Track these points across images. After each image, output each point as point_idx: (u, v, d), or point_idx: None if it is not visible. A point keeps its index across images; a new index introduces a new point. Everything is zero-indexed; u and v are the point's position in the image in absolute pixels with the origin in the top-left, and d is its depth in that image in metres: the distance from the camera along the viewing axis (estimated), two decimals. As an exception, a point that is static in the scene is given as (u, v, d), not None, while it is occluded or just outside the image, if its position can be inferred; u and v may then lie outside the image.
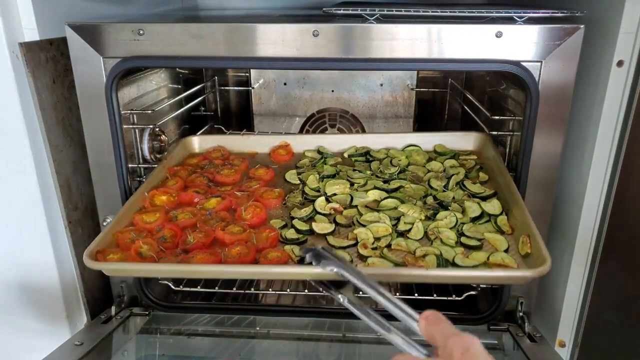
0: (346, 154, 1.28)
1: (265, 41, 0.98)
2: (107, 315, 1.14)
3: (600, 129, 1.04)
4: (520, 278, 0.83)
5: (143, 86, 1.26)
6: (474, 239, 0.92)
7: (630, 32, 0.96)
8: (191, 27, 0.98)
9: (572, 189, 1.13)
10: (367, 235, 0.95)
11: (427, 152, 1.27)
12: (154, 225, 0.97)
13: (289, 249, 0.92)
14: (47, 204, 1.06)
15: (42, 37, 1.01)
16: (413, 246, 0.91)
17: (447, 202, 1.02)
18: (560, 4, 1.02)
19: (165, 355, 1.10)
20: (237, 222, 0.99)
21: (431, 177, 1.14)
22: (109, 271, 0.90)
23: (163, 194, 1.06)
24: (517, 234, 0.91)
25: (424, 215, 0.99)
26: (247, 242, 0.93)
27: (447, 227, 0.96)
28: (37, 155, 1.03)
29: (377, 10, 0.97)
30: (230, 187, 1.13)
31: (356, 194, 1.08)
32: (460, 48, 0.96)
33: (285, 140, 1.31)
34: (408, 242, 0.93)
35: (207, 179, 1.15)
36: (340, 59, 0.98)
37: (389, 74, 1.64)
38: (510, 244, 0.90)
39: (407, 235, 0.95)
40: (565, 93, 0.97)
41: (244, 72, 1.73)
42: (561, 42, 0.93)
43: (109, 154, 1.06)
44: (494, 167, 1.13)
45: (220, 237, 0.94)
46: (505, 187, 1.02)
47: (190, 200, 1.07)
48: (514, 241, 0.91)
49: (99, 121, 1.04)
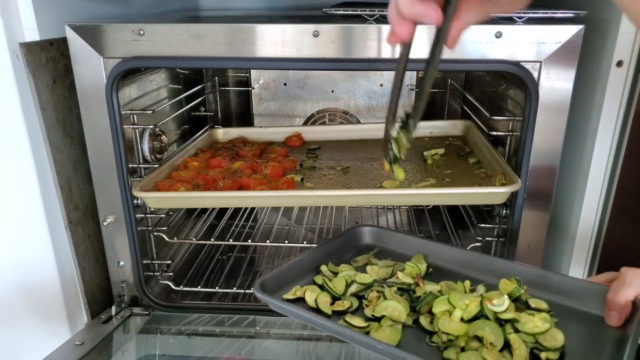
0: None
1: (265, 41, 0.98)
2: (108, 315, 1.14)
3: (600, 129, 1.04)
4: (497, 195, 1.01)
5: (143, 86, 1.26)
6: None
7: (630, 33, 0.97)
8: (191, 27, 0.98)
9: (571, 189, 1.14)
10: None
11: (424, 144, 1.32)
12: (188, 178, 1.17)
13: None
14: (47, 204, 1.06)
15: (43, 37, 1.01)
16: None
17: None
18: (560, 4, 1.02)
19: (165, 355, 1.10)
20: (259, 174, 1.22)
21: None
22: (153, 201, 1.10)
23: (194, 160, 1.27)
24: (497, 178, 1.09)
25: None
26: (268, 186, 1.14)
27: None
28: (37, 155, 1.03)
29: (376, 11, 0.97)
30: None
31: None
32: (459, 48, 0.95)
33: (297, 131, 1.51)
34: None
35: (231, 154, 1.36)
36: (340, 60, 0.98)
37: (388, 75, 1.64)
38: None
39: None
40: (564, 93, 0.97)
41: (244, 73, 1.73)
42: (561, 43, 0.94)
43: (109, 154, 1.07)
44: (477, 141, 1.34)
45: (245, 183, 1.15)
46: (486, 151, 1.23)
47: (218, 164, 1.27)
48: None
49: (100, 121, 1.04)
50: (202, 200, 1.17)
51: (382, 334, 0.76)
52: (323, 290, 0.87)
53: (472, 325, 0.75)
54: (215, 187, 1.14)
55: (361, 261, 0.98)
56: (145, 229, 1.23)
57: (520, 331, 0.73)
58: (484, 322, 0.75)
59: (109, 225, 1.12)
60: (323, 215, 1.64)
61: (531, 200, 1.04)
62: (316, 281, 0.90)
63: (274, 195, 1.11)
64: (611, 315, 0.76)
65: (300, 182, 1.19)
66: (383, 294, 0.85)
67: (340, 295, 0.86)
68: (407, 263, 0.94)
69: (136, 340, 1.11)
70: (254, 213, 1.67)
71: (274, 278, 0.87)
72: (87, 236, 1.15)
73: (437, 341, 0.75)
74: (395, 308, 0.80)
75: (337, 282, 0.88)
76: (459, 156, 1.32)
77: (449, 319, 0.77)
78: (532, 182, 1.03)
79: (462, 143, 1.42)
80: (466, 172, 1.21)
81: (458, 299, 0.78)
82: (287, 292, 0.86)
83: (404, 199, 1.21)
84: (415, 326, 0.79)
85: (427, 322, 0.78)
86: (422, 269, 0.93)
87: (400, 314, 0.79)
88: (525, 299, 0.82)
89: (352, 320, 0.79)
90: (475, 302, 0.77)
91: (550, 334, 0.73)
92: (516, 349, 0.71)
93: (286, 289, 0.87)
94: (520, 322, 0.74)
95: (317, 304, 0.83)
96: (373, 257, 1.00)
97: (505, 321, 0.76)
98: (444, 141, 1.43)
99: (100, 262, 1.18)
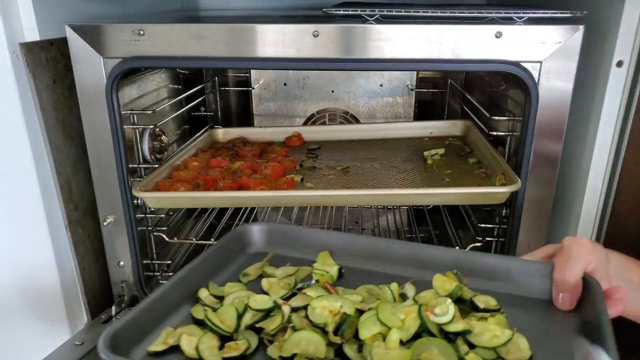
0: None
1: (266, 41, 0.98)
2: (108, 315, 1.14)
3: (600, 129, 1.04)
4: (497, 195, 1.00)
5: (143, 86, 1.26)
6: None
7: (630, 33, 0.96)
8: (192, 27, 0.98)
9: (571, 189, 1.13)
10: None
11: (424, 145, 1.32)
12: (188, 178, 1.17)
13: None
14: (47, 204, 1.06)
15: (43, 37, 1.01)
16: None
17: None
18: (559, 4, 1.02)
19: (165, 355, 1.09)
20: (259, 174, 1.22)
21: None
22: (154, 201, 1.10)
23: (195, 160, 1.27)
24: (497, 178, 1.08)
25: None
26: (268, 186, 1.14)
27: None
28: (37, 155, 1.03)
29: (377, 11, 0.97)
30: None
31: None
32: (459, 48, 0.96)
33: (297, 131, 1.51)
34: None
35: (231, 154, 1.36)
36: (340, 60, 0.98)
37: (388, 75, 1.64)
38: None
39: None
40: (564, 93, 0.97)
41: (244, 73, 1.73)
42: (561, 43, 0.94)
43: (109, 154, 1.06)
44: (477, 141, 1.33)
45: (245, 183, 1.15)
46: (486, 151, 1.23)
47: (218, 164, 1.27)
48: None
49: (99, 121, 1.04)
50: (202, 200, 1.16)
51: None
52: (206, 329, 0.62)
53: (414, 347, 0.57)
54: (215, 187, 1.15)
55: (253, 273, 0.77)
56: (145, 229, 1.23)
57: (476, 346, 0.57)
58: (429, 341, 0.57)
59: (109, 225, 1.12)
60: (323, 216, 1.64)
61: (531, 200, 1.04)
62: (195, 316, 0.66)
63: (274, 195, 1.11)
64: (562, 298, 0.66)
65: (300, 182, 1.19)
66: (289, 323, 0.62)
67: (230, 332, 0.62)
68: (313, 267, 0.76)
69: (136, 341, 1.11)
70: (254, 213, 1.67)
71: (133, 323, 0.61)
72: (87, 236, 1.15)
73: None
74: (310, 341, 0.58)
75: (224, 312, 0.64)
76: (459, 156, 1.32)
77: (383, 346, 0.58)
78: (532, 182, 1.03)
79: (462, 143, 1.42)
80: (466, 172, 1.21)
81: (390, 313, 0.60)
82: (155, 341, 0.61)
83: (404, 199, 1.21)
84: (338, 359, 0.59)
85: (353, 353, 0.58)
86: (333, 273, 0.74)
87: (318, 347, 0.58)
88: (470, 298, 0.66)
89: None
90: (413, 315, 0.60)
91: (513, 343, 0.58)
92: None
93: (153, 335, 0.62)
94: (473, 334, 0.58)
95: (199, 354, 0.58)
96: (268, 266, 0.79)
97: (455, 334, 0.59)
98: (443, 141, 1.43)
99: (100, 262, 1.18)
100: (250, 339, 0.61)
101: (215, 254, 0.78)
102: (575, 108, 1.06)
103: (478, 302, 0.65)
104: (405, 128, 1.52)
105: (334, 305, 0.63)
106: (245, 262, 0.80)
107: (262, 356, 0.59)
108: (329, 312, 0.62)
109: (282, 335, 0.61)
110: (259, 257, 0.82)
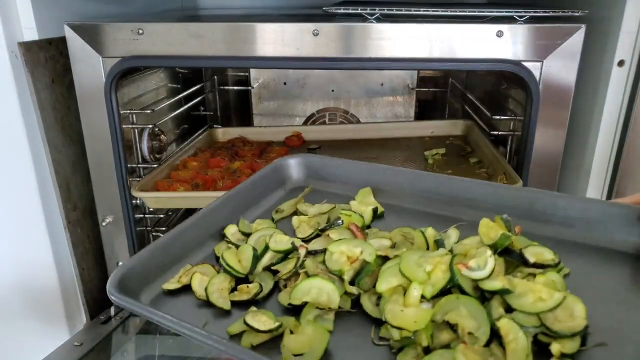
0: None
1: (265, 40, 0.97)
2: (107, 316, 1.13)
3: (602, 129, 1.03)
4: None
5: (142, 86, 1.26)
6: None
7: (631, 32, 0.96)
8: (191, 26, 0.98)
9: (573, 188, 1.13)
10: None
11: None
12: (188, 178, 1.17)
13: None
14: (46, 204, 1.05)
15: (41, 36, 1.00)
16: None
17: None
18: (561, 4, 1.02)
19: (164, 355, 1.09)
20: None
21: None
22: (153, 201, 1.09)
23: (194, 160, 1.27)
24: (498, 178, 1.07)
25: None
26: None
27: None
28: (36, 155, 1.02)
29: (377, 10, 0.97)
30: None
31: None
32: (460, 47, 0.95)
33: (297, 130, 1.50)
34: None
35: (231, 153, 1.35)
36: (341, 59, 0.98)
37: (389, 74, 1.64)
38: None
39: None
40: (566, 93, 0.96)
41: (243, 72, 1.72)
42: (562, 42, 0.93)
43: (108, 153, 1.06)
44: (478, 141, 1.32)
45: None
46: (487, 151, 1.22)
47: (218, 164, 1.26)
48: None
49: (98, 121, 1.04)
50: (202, 201, 1.16)
51: (301, 339, 0.47)
52: (220, 270, 0.57)
53: (439, 305, 0.47)
54: (214, 187, 1.14)
55: (287, 210, 0.69)
56: (145, 229, 1.22)
57: (515, 309, 0.46)
58: (458, 299, 0.47)
59: (108, 225, 1.11)
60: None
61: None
62: (217, 254, 0.61)
63: None
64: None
65: None
66: (302, 267, 0.55)
67: (245, 274, 0.57)
68: (350, 205, 0.66)
69: (135, 341, 1.11)
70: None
71: (149, 260, 0.56)
72: (86, 236, 1.15)
73: (387, 336, 0.48)
74: (322, 289, 0.51)
75: (242, 252, 0.58)
76: (460, 156, 1.32)
77: (401, 301, 0.49)
78: (533, 182, 1.03)
79: (462, 143, 1.42)
80: (467, 172, 1.21)
81: (414, 263, 0.50)
82: (171, 279, 0.57)
83: None
84: (356, 311, 0.51)
85: (371, 305, 0.51)
86: (366, 214, 0.65)
87: (331, 297, 0.51)
88: (520, 249, 0.54)
89: (255, 319, 0.49)
90: (442, 267, 0.50)
91: (564, 308, 0.45)
92: (510, 342, 0.43)
93: (173, 272, 0.58)
94: (514, 295, 0.47)
95: (207, 295, 0.54)
96: (303, 202, 0.71)
97: (492, 293, 0.48)
98: (444, 141, 1.43)
99: (99, 262, 1.17)
100: (265, 282, 0.55)
101: (249, 189, 0.70)
102: (577, 107, 1.05)
103: (528, 255, 0.52)
104: (406, 127, 1.51)
105: (353, 250, 0.54)
106: (283, 198, 0.72)
107: (275, 302, 0.53)
108: (347, 259, 0.54)
109: (295, 280, 0.54)
110: (298, 193, 0.74)
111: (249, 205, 0.70)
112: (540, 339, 0.44)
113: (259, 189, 0.72)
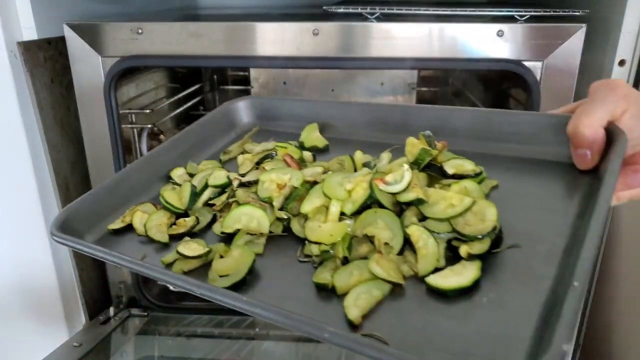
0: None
1: (265, 40, 0.97)
2: (106, 316, 1.13)
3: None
4: None
5: (142, 85, 1.26)
6: None
7: (632, 32, 0.96)
8: (190, 26, 0.97)
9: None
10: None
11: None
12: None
13: None
14: (45, 204, 1.05)
15: (41, 36, 1.00)
16: None
17: None
18: (561, 3, 1.02)
19: (164, 356, 1.09)
20: None
21: None
22: None
23: None
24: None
25: None
26: None
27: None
28: (35, 155, 1.02)
29: (377, 9, 0.97)
30: None
31: None
32: (461, 47, 0.95)
33: None
34: None
35: None
36: (341, 58, 0.97)
37: (389, 73, 1.64)
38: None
39: None
40: (566, 93, 0.96)
41: (243, 71, 1.72)
42: (563, 42, 0.93)
43: (107, 153, 1.06)
44: None
45: None
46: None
47: None
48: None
49: (98, 121, 1.04)
50: None
51: (228, 261, 0.50)
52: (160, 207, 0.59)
53: (359, 220, 0.50)
54: None
55: (235, 151, 0.71)
56: (144, 229, 1.22)
57: (427, 217, 0.48)
58: (376, 213, 0.49)
59: (108, 226, 1.11)
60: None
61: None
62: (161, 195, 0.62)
63: None
64: (579, 154, 0.52)
65: None
66: (234, 197, 0.58)
67: (184, 209, 0.59)
68: (288, 143, 0.68)
69: (134, 342, 1.11)
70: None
71: (93, 202, 0.57)
72: (85, 236, 1.15)
73: (310, 253, 0.50)
74: (252, 216, 0.54)
75: (183, 190, 0.61)
76: None
77: (323, 219, 0.51)
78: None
79: None
80: None
81: (336, 184, 0.53)
82: (117, 220, 0.58)
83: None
84: (287, 235, 0.54)
85: (300, 227, 0.53)
86: (316, 143, 0.67)
87: (261, 222, 0.53)
88: (440, 163, 0.55)
89: (186, 247, 0.51)
90: (363, 185, 0.52)
91: (475, 213, 0.47)
92: (421, 248, 0.45)
93: (119, 214, 0.59)
94: (428, 204, 0.48)
95: (145, 230, 0.56)
96: (250, 142, 0.72)
97: (408, 205, 0.49)
98: None
99: (98, 262, 1.17)
100: (204, 216, 0.58)
101: (198, 132, 0.71)
102: (578, 107, 1.05)
103: (448, 167, 0.54)
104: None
105: (282, 178, 0.57)
106: (233, 140, 0.73)
107: (213, 235, 0.55)
108: (277, 186, 0.56)
109: (228, 210, 0.56)
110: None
111: (199, 148, 0.71)
112: (455, 244, 0.46)
113: (208, 132, 0.73)
